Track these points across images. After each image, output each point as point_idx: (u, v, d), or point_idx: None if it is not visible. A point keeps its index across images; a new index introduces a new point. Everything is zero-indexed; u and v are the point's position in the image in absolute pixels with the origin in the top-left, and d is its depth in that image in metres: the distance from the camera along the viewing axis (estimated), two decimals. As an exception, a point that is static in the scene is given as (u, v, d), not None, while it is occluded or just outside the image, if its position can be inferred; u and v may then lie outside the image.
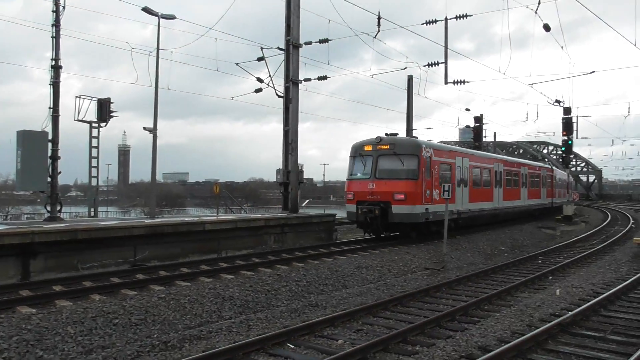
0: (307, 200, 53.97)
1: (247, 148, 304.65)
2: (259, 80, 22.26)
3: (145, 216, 25.03)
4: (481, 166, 23.61)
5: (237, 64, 22.10)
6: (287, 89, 21.39)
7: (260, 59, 21.93)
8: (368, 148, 18.77)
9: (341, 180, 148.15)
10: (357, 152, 19.21)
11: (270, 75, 21.91)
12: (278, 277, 11.76)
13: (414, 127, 39.52)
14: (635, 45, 18.45)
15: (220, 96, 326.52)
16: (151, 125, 18.96)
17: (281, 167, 21.77)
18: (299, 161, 21.51)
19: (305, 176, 27.99)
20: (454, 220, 20.45)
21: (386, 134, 19.45)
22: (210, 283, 10.87)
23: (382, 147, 18.43)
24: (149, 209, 22.03)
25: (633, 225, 28.56)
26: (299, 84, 21.38)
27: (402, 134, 37.27)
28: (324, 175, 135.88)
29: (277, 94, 21.92)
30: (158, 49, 18.70)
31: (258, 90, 22.64)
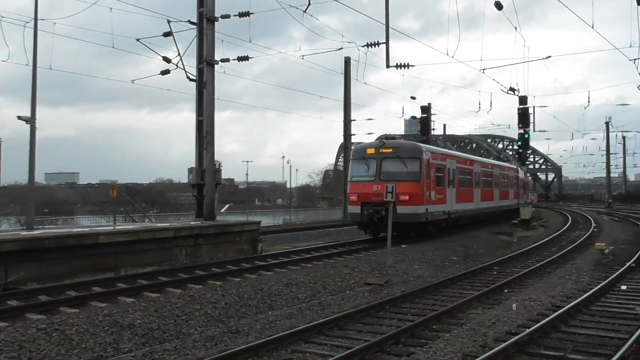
0: (227, 205, 53.68)
1: (152, 142, 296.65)
2: (166, 60, 21.89)
3: (21, 227, 23.90)
4: (465, 168, 27.95)
5: (138, 40, 21.66)
6: (200, 70, 21.14)
7: (167, 34, 21.54)
8: (371, 151, 22.49)
9: (267, 181, 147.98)
10: (360, 154, 23.06)
11: (179, 54, 21.70)
12: (190, 299, 11.63)
13: (352, 118, 40.07)
14: (592, 27, 19.58)
15: (118, 79, 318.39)
16: (28, 114, 18.42)
17: (194, 166, 21.45)
18: (217, 158, 21.41)
19: (224, 176, 27.81)
20: (444, 220, 24.76)
21: (387, 137, 23.72)
22: (104, 308, 10.64)
23: (385, 150, 22.16)
24: (26, 219, 21.07)
25: (595, 230, 30.40)
26: (215, 65, 21.20)
27: (340, 125, 38.96)
28: (247, 175, 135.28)
29: (188, 77, 21.68)
30: (36, 19, 18.23)
31: (165, 72, 22.27)
